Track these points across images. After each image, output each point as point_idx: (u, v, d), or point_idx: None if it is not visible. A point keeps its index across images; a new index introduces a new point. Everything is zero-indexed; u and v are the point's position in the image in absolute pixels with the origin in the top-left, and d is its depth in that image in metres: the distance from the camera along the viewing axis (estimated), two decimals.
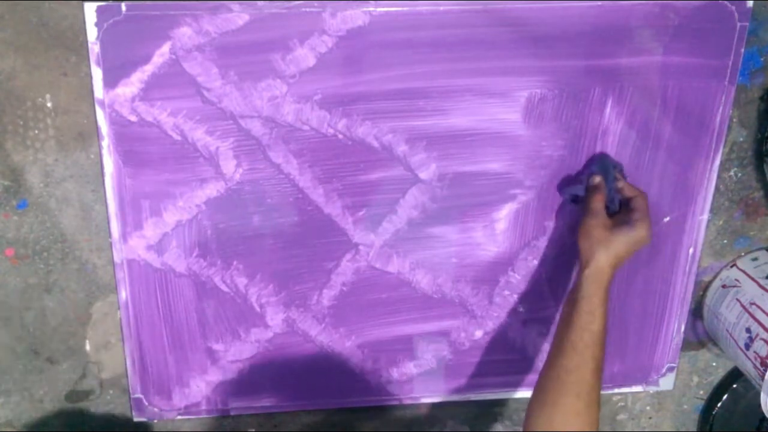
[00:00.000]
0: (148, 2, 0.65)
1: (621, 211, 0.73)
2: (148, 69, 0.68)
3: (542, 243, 0.79)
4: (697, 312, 0.86)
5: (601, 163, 0.75)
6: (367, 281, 0.79)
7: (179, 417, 0.82)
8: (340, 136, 0.73)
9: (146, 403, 0.81)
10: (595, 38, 0.71)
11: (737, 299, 0.80)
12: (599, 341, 0.67)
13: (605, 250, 0.69)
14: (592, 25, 0.71)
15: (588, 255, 0.69)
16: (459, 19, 0.69)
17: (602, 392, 0.88)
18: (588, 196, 0.74)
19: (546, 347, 0.84)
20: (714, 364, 0.89)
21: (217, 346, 0.79)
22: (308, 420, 0.86)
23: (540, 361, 0.85)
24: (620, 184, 0.74)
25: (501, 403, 0.88)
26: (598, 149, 0.76)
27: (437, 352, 0.83)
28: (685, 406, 0.92)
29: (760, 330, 0.75)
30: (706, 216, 0.80)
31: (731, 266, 0.83)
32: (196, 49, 0.68)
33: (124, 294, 0.76)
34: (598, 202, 0.72)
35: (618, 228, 0.70)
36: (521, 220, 0.78)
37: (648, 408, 0.91)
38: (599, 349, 0.67)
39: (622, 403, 0.91)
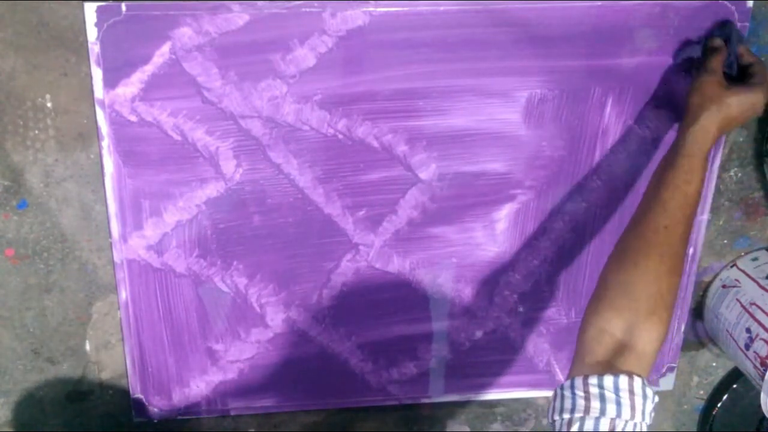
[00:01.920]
0: (148, 2, 0.65)
1: (739, 77, 0.70)
2: (148, 69, 0.68)
3: (542, 243, 0.79)
4: (697, 312, 0.86)
5: (722, 28, 0.72)
6: (367, 281, 0.79)
7: (179, 417, 0.82)
8: (340, 136, 0.73)
9: (146, 403, 0.81)
10: (595, 38, 0.71)
11: (737, 299, 0.80)
12: (693, 204, 0.63)
13: (716, 108, 0.64)
14: (592, 26, 0.71)
15: (697, 111, 0.64)
16: (459, 19, 0.69)
17: None
18: (706, 56, 0.70)
19: (546, 348, 0.84)
20: (714, 364, 0.89)
21: (217, 346, 0.79)
22: (308, 420, 0.86)
23: (540, 362, 0.85)
24: (741, 49, 0.71)
25: (501, 403, 0.88)
26: (598, 149, 0.76)
27: (437, 352, 0.83)
28: (685, 406, 0.92)
29: (760, 330, 0.75)
30: (706, 216, 0.80)
31: (731, 266, 0.83)
32: (196, 49, 0.68)
33: (124, 294, 0.76)
34: (715, 62, 0.68)
35: (734, 88, 0.66)
36: (521, 220, 0.78)
37: None
38: (692, 213, 0.62)
39: None
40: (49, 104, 0.69)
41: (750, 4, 0.71)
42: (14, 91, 0.68)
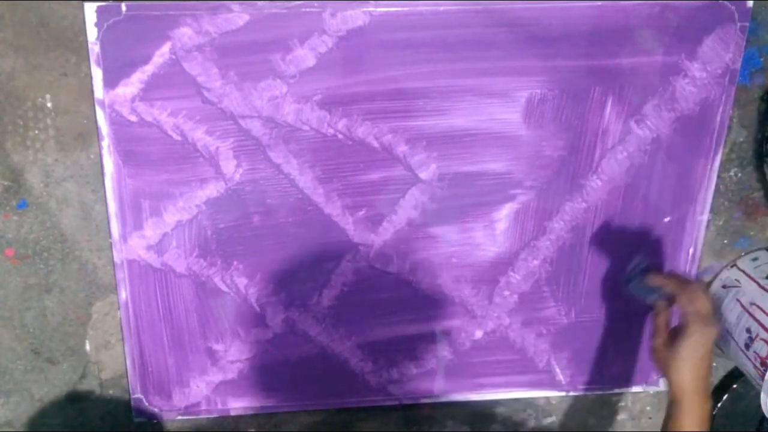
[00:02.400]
0: (148, 2, 0.65)
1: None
2: (148, 69, 0.68)
3: (542, 243, 0.79)
4: None
5: (635, 280, 0.78)
6: (367, 281, 0.79)
7: (179, 417, 0.82)
8: (340, 136, 0.73)
9: (146, 403, 0.81)
10: (595, 38, 0.71)
11: (737, 299, 0.79)
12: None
13: (676, 368, 0.69)
14: (592, 26, 0.71)
15: (665, 376, 0.70)
16: (459, 19, 0.69)
17: (603, 393, 0.88)
18: (654, 316, 0.75)
19: (546, 348, 0.84)
20: (714, 364, 0.89)
21: (217, 347, 0.79)
22: (308, 420, 0.86)
23: (540, 362, 0.85)
24: (660, 283, 0.75)
25: (501, 403, 0.88)
26: (598, 149, 0.76)
27: (437, 352, 0.83)
28: None
29: (760, 330, 0.75)
30: (706, 216, 0.80)
31: (731, 266, 0.83)
32: (196, 49, 0.68)
33: (124, 294, 0.76)
34: (658, 321, 0.74)
35: (678, 339, 0.69)
36: (521, 220, 0.78)
37: (648, 408, 0.91)
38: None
39: (622, 403, 0.90)
40: (49, 104, 0.69)
41: (750, 4, 0.71)
42: (14, 91, 0.68)
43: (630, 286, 0.79)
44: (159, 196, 0.73)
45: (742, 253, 0.84)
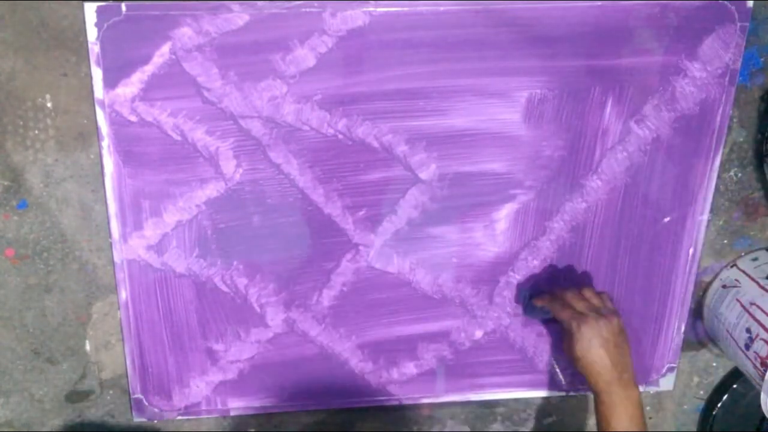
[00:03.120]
0: (148, 2, 0.65)
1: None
2: (148, 69, 0.68)
3: (542, 243, 0.79)
4: (697, 312, 0.86)
5: (528, 308, 0.81)
6: (367, 281, 0.79)
7: (179, 417, 0.82)
8: (340, 137, 0.73)
9: (146, 404, 0.81)
10: (595, 38, 0.71)
11: (737, 299, 0.79)
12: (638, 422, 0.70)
13: (582, 370, 0.72)
14: (592, 26, 0.71)
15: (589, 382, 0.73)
16: (459, 19, 0.69)
17: None
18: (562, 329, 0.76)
19: (546, 348, 0.84)
20: (714, 364, 0.89)
21: (217, 347, 0.79)
22: (308, 420, 0.86)
23: (540, 362, 0.85)
24: (541, 305, 0.77)
25: (501, 403, 0.88)
26: (598, 149, 0.76)
27: (437, 352, 0.83)
28: (685, 407, 0.92)
29: (760, 330, 0.75)
30: (706, 216, 0.80)
31: (731, 266, 0.83)
32: (196, 50, 0.68)
33: (124, 294, 0.76)
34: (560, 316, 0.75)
35: (570, 347, 0.72)
36: (521, 220, 0.78)
37: (648, 408, 0.91)
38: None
39: None
40: (49, 104, 0.69)
41: (750, 4, 0.71)
42: (14, 91, 0.68)
43: (527, 315, 0.82)
44: (159, 196, 0.73)
45: (742, 253, 0.84)
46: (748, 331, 0.77)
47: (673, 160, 0.77)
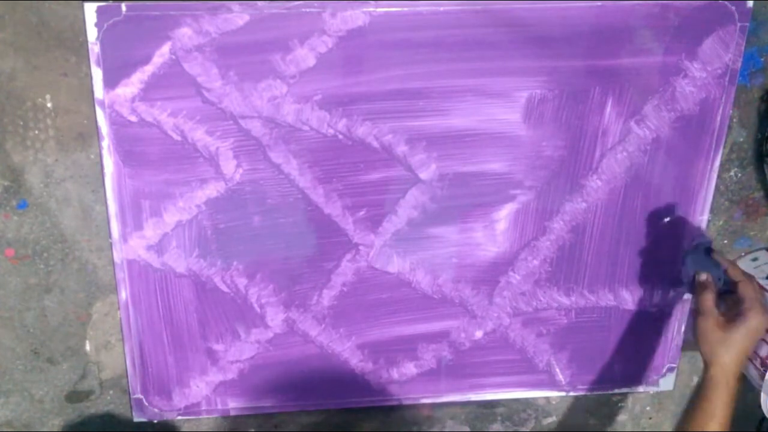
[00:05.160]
0: (148, 2, 0.65)
1: (730, 299, 0.73)
2: (148, 69, 0.68)
3: (542, 243, 0.79)
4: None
5: (694, 258, 0.77)
6: (368, 281, 0.79)
7: (179, 417, 0.82)
8: (340, 137, 0.73)
9: (146, 404, 0.81)
10: (595, 38, 0.71)
11: None
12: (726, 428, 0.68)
13: (725, 350, 0.69)
14: (592, 26, 0.71)
15: (710, 357, 0.69)
16: (459, 19, 0.69)
17: (603, 393, 0.88)
18: (697, 295, 0.74)
19: (546, 348, 0.84)
20: None
21: (217, 347, 0.79)
22: (308, 420, 0.86)
23: (540, 362, 0.85)
24: (724, 265, 0.74)
25: (501, 403, 0.88)
26: (598, 149, 0.76)
27: (437, 352, 0.83)
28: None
29: None
30: (706, 216, 0.80)
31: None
32: (196, 50, 0.68)
33: (124, 294, 0.76)
34: (708, 301, 0.72)
35: (732, 324, 0.69)
36: (521, 220, 0.78)
37: (648, 408, 0.91)
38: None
39: (622, 404, 0.91)
40: (49, 104, 0.69)
41: (750, 4, 0.71)
42: (14, 91, 0.68)
43: (688, 259, 0.78)
44: (159, 196, 0.73)
45: (742, 253, 0.84)
46: None
47: (673, 160, 0.77)
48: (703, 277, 0.74)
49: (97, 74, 0.68)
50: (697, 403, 0.69)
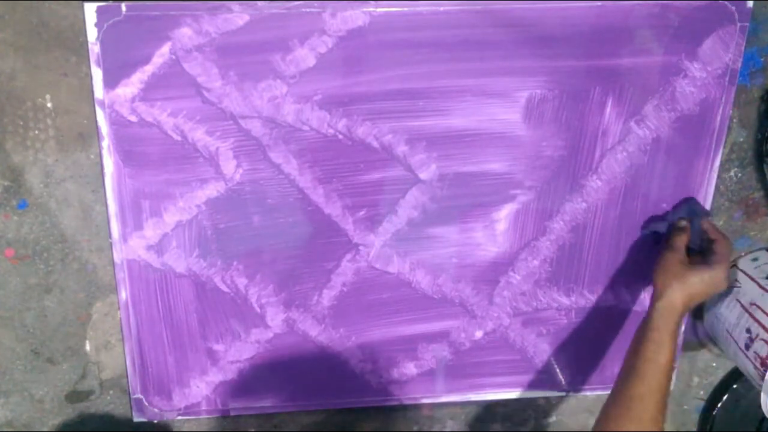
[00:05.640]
0: (148, 2, 0.65)
1: (701, 252, 0.74)
2: (148, 69, 0.68)
3: (542, 243, 0.79)
4: (697, 312, 0.86)
5: (689, 207, 0.78)
6: (368, 281, 0.79)
7: (179, 417, 0.82)
8: (340, 137, 0.73)
9: (146, 404, 0.81)
10: (595, 38, 0.71)
11: (737, 300, 0.79)
12: (666, 372, 0.68)
13: (680, 285, 0.70)
14: (592, 26, 0.71)
15: (662, 288, 0.71)
16: (459, 19, 0.69)
17: (603, 393, 0.88)
18: (671, 234, 0.75)
19: (546, 348, 0.84)
20: (714, 364, 0.89)
21: (217, 347, 0.79)
22: (308, 420, 0.86)
23: (540, 362, 0.85)
24: (705, 225, 0.76)
25: (501, 403, 0.88)
26: (598, 149, 0.76)
27: (437, 352, 0.83)
28: (686, 407, 0.92)
29: (761, 330, 0.75)
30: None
31: (731, 267, 0.83)
32: (196, 50, 0.68)
33: (124, 294, 0.76)
34: (679, 241, 0.74)
35: (696, 266, 0.71)
36: (521, 220, 0.78)
37: None
38: (666, 380, 0.68)
39: None
40: (49, 104, 0.69)
41: (750, 4, 0.71)
42: (14, 91, 0.68)
43: (683, 207, 0.78)
44: (159, 196, 0.73)
45: (742, 253, 0.84)
46: (748, 331, 0.77)
47: (673, 160, 0.77)
48: (683, 223, 0.76)
49: (97, 74, 0.68)
50: (645, 334, 0.69)
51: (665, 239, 0.76)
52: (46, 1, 0.65)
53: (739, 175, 0.80)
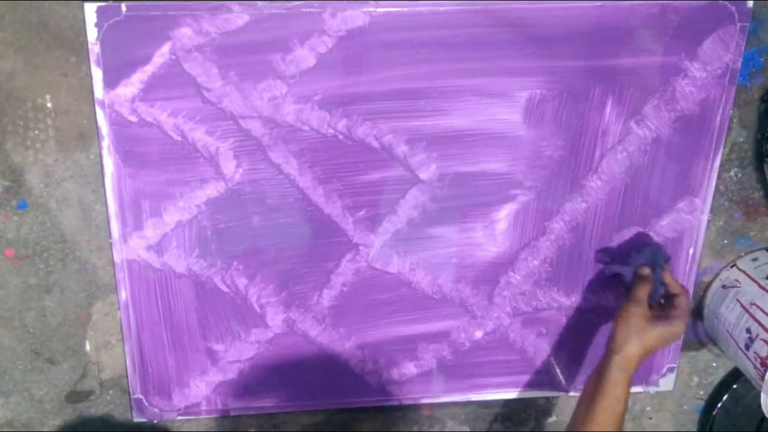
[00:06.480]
0: (148, 2, 0.65)
1: (660, 305, 0.75)
2: (149, 69, 0.68)
3: (542, 243, 0.79)
4: (697, 312, 0.86)
5: (653, 254, 0.78)
6: (368, 282, 0.79)
7: (179, 417, 0.82)
8: (340, 137, 0.73)
9: (146, 404, 0.81)
10: (596, 38, 0.71)
11: (737, 300, 0.79)
12: (621, 420, 0.70)
13: (639, 341, 0.71)
14: (592, 26, 0.71)
15: (622, 341, 0.71)
16: (459, 19, 0.69)
17: None
18: (635, 284, 0.76)
19: (546, 348, 0.84)
20: (714, 364, 0.89)
21: (217, 347, 0.79)
22: (308, 420, 0.86)
23: (540, 362, 0.85)
24: (667, 279, 0.76)
25: (501, 403, 0.88)
26: (598, 149, 0.76)
27: (437, 352, 0.83)
28: (686, 407, 0.92)
29: (760, 330, 0.75)
30: (706, 216, 0.80)
31: (731, 267, 0.83)
32: (196, 50, 0.68)
33: (124, 294, 0.76)
34: (642, 292, 0.74)
35: (657, 321, 0.72)
36: (521, 220, 0.78)
37: (648, 408, 0.91)
38: (620, 426, 0.70)
39: None
40: (49, 104, 0.69)
41: (750, 4, 0.71)
42: (14, 91, 0.68)
43: (645, 251, 0.79)
44: (159, 196, 0.73)
45: (742, 253, 0.84)
46: (748, 331, 0.77)
47: (673, 160, 0.77)
48: (646, 271, 0.77)
49: (97, 74, 0.68)
50: (604, 387, 0.70)
51: (629, 288, 0.76)
52: (46, 1, 0.65)
53: (739, 175, 0.80)
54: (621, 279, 0.79)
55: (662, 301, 0.77)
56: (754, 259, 0.82)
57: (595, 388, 0.71)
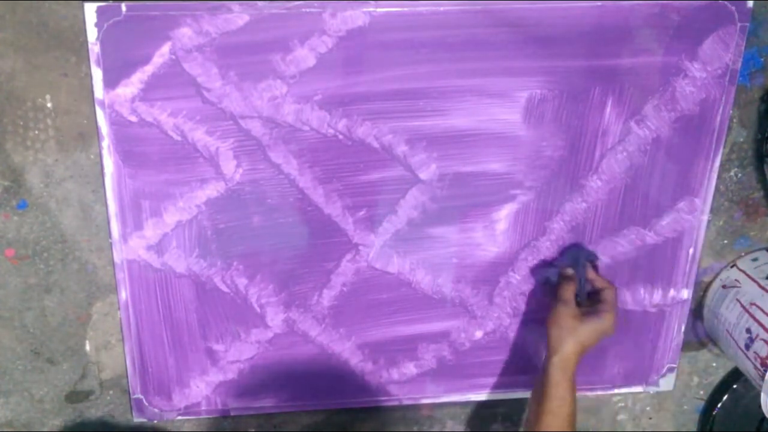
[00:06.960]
0: (148, 2, 0.65)
1: (589, 301, 0.76)
2: (149, 69, 0.68)
3: (542, 243, 0.79)
4: (697, 312, 0.86)
5: (572, 254, 0.79)
6: (368, 282, 0.79)
7: (179, 417, 0.83)
8: (340, 137, 0.73)
9: (146, 404, 0.81)
10: (596, 38, 0.71)
11: (737, 300, 0.79)
12: (571, 420, 0.72)
13: (572, 339, 0.72)
14: (592, 26, 0.71)
15: (556, 343, 0.72)
16: (459, 19, 0.69)
17: (603, 393, 0.88)
18: (559, 284, 0.76)
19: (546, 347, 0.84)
20: (714, 364, 0.89)
21: (217, 347, 0.79)
22: (308, 420, 0.86)
23: (540, 362, 0.85)
24: (590, 275, 0.77)
25: (501, 403, 0.88)
26: (598, 149, 0.76)
27: (437, 352, 0.83)
28: (686, 407, 0.92)
29: (761, 330, 0.75)
30: (706, 216, 0.80)
31: (731, 267, 0.83)
32: (196, 50, 0.68)
33: (124, 294, 0.76)
34: (568, 292, 0.75)
35: (586, 317, 0.73)
36: (521, 220, 0.78)
37: (648, 408, 0.91)
38: (571, 426, 0.72)
39: (622, 404, 0.91)
40: (49, 104, 0.69)
41: (750, 4, 0.71)
42: (14, 91, 0.68)
43: (568, 254, 0.79)
44: (159, 196, 0.73)
45: (742, 253, 0.84)
46: (748, 331, 0.77)
47: (673, 161, 0.77)
48: (569, 272, 0.77)
49: (97, 74, 0.68)
50: (547, 390, 0.71)
51: (555, 290, 0.77)
52: (46, 1, 0.65)
53: (739, 175, 0.80)
54: (549, 282, 0.80)
55: (588, 297, 0.77)
56: (754, 259, 0.82)
57: (539, 392, 0.73)
